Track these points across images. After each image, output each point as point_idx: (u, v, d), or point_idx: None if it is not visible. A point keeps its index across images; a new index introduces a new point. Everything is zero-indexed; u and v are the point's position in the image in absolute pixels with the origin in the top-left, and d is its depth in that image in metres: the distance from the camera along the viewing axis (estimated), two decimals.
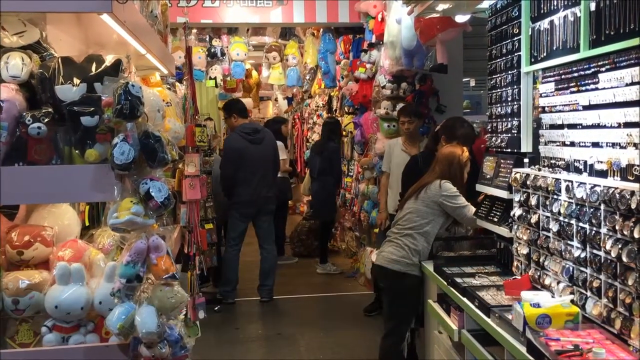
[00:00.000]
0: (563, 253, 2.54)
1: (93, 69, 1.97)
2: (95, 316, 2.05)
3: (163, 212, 1.89)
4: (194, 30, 7.15)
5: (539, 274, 2.78)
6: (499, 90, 3.41)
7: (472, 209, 3.64)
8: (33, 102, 1.97)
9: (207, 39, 7.37)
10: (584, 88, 2.50)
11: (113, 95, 1.80)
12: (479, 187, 3.56)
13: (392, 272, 3.79)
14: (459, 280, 3.19)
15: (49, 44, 2.18)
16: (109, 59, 2.00)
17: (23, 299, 1.98)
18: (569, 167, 2.62)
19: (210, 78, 7.45)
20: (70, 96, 1.91)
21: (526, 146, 3.15)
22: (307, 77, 8.22)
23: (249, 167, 6.11)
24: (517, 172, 2.97)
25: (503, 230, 3.20)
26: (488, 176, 3.44)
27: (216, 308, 6.06)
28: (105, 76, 1.90)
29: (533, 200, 2.79)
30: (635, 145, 2.16)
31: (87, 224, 2.58)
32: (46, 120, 1.89)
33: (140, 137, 1.84)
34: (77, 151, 1.91)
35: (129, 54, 2.18)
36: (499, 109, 3.41)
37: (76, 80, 1.93)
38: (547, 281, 2.69)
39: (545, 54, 2.85)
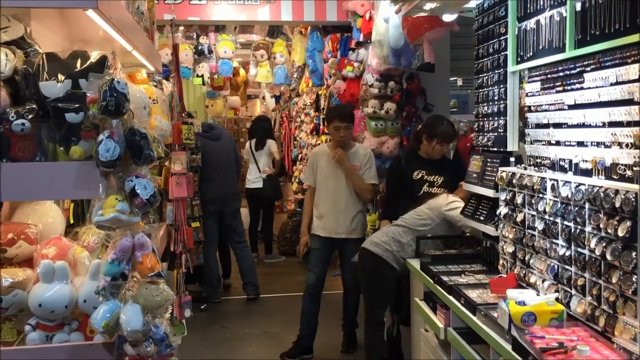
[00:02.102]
0: (548, 251, 2.56)
1: (78, 65, 1.95)
2: (79, 314, 2.03)
3: (148, 209, 1.88)
4: (181, 28, 7.12)
5: (524, 272, 2.79)
6: (485, 89, 3.42)
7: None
8: (17, 98, 1.95)
9: (195, 37, 7.35)
10: (569, 87, 2.52)
11: (98, 92, 1.79)
12: (466, 186, 3.58)
13: (369, 253, 3.86)
14: (445, 278, 3.20)
15: (34, 40, 2.15)
16: (94, 56, 1.99)
17: (6, 297, 1.95)
18: (554, 166, 2.64)
19: (198, 76, 7.43)
20: (54, 92, 1.90)
21: (512, 145, 3.16)
22: (295, 76, 8.21)
23: (210, 164, 6.12)
24: (503, 171, 2.99)
25: (489, 229, 3.22)
26: (475, 175, 3.46)
27: (202, 307, 6.04)
28: (91, 72, 1.88)
29: (519, 199, 2.81)
30: (619, 144, 2.18)
31: (71, 221, 2.56)
32: (30, 116, 1.87)
33: (126, 134, 1.83)
34: (61, 148, 1.89)
35: (115, 50, 2.17)
36: (485, 108, 3.43)
37: (61, 77, 1.91)
38: (532, 279, 2.71)
39: (531, 54, 2.86)
